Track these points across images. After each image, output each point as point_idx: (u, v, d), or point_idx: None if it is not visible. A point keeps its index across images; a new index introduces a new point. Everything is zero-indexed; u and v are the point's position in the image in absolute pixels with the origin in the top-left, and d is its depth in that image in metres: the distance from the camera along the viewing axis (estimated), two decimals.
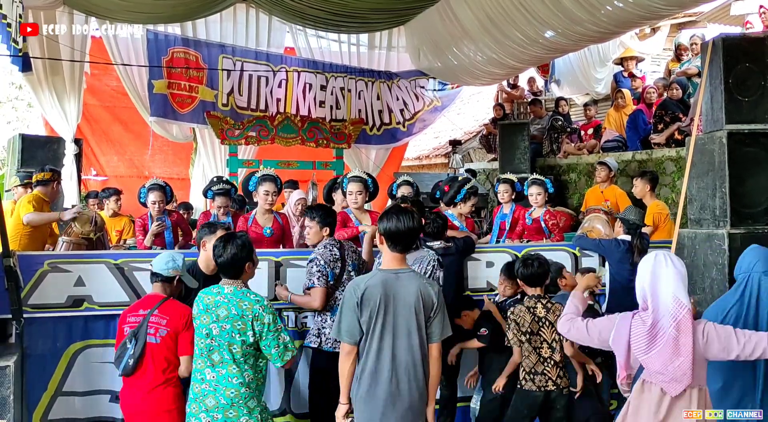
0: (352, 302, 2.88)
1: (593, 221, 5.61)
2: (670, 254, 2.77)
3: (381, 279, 2.91)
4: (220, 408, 2.93)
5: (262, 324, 2.97)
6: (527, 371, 3.76)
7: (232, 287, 3.04)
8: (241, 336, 2.94)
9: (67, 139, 7.96)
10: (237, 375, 2.95)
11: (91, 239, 5.38)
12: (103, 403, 4.14)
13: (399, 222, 2.92)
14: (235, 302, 2.98)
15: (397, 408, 2.89)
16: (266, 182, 5.04)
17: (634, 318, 2.71)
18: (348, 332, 2.90)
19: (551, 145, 9.33)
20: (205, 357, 2.98)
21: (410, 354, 2.90)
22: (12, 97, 17.15)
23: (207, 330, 2.97)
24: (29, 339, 3.95)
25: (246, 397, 2.96)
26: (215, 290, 3.06)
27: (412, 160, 13.76)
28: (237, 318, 2.95)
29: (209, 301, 3.01)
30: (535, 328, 3.75)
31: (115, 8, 7.11)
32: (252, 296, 3.03)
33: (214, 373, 2.96)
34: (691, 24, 10.79)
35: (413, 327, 2.90)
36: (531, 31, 6.62)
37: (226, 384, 2.94)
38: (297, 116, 8.42)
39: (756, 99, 4.54)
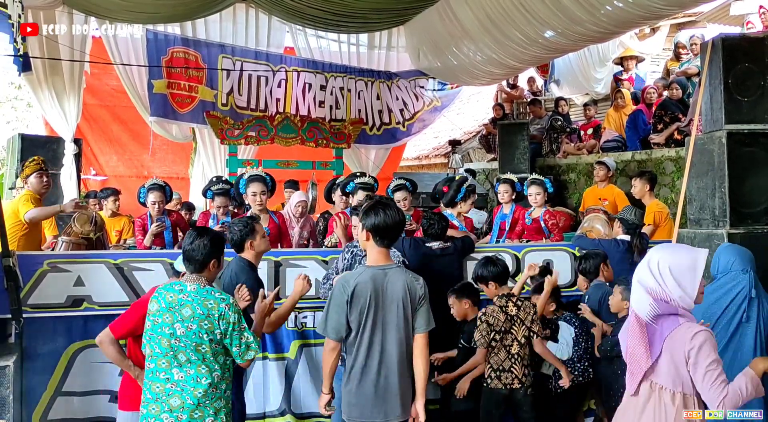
0: (342, 300, 2.91)
1: (593, 221, 5.61)
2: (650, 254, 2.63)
3: (370, 276, 2.94)
4: (185, 408, 2.83)
5: (227, 322, 2.88)
6: (494, 368, 3.75)
7: (195, 284, 2.93)
8: (208, 335, 2.86)
9: (66, 139, 7.95)
10: (206, 374, 2.87)
11: (90, 239, 5.37)
12: (102, 403, 4.14)
13: (386, 217, 2.95)
14: (200, 301, 2.87)
15: (387, 402, 2.93)
16: (253, 183, 4.99)
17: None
18: (334, 329, 2.93)
19: (551, 145, 9.34)
20: (170, 357, 2.86)
21: (399, 347, 2.95)
22: (11, 97, 17.13)
23: (171, 330, 2.85)
24: (29, 338, 3.95)
25: (213, 398, 2.89)
26: (177, 287, 2.93)
27: (412, 160, 13.76)
28: (203, 317, 2.85)
29: (171, 299, 2.88)
30: (507, 326, 3.75)
31: (115, 8, 7.10)
32: (217, 294, 2.93)
33: (182, 373, 2.86)
34: (691, 24, 10.79)
35: (401, 321, 2.95)
36: (531, 31, 6.62)
37: (194, 384, 2.85)
38: (297, 116, 8.42)
39: (756, 99, 4.54)
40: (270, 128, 7.99)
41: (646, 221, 5.77)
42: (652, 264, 2.54)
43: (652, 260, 2.56)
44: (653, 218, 5.80)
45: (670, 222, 5.81)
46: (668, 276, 2.49)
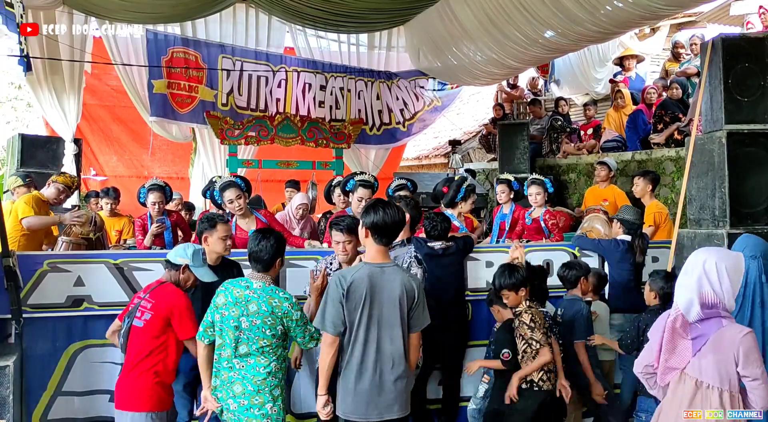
0: (338, 294, 2.94)
1: (593, 221, 5.61)
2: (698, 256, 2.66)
3: (367, 272, 2.98)
4: (247, 394, 3.05)
5: (291, 320, 3.11)
6: (545, 370, 3.66)
7: (260, 282, 3.12)
8: (271, 330, 3.06)
9: (66, 139, 7.95)
10: (264, 365, 3.07)
11: (90, 239, 5.38)
12: (102, 403, 4.14)
13: (385, 215, 3.00)
14: (265, 298, 3.07)
15: (382, 398, 2.97)
16: (226, 191, 4.85)
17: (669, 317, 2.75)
18: (332, 323, 2.96)
19: (551, 145, 9.34)
20: (233, 347, 3.08)
21: (394, 345, 2.99)
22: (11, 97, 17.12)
23: (236, 323, 3.06)
24: (29, 338, 3.95)
25: (271, 385, 3.08)
26: (243, 283, 3.14)
27: (412, 160, 13.76)
28: (267, 314, 3.05)
29: (239, 294, 3.09)
30: (528, 335, 3.68)
31: (115, 8, 7.10)
32: (281, 293, 3.14)
33: (243, 363, 3.07)
34: (691, 24, 10.80)
35: (397, 318, 2.99)
36: (531, 31, 6.62)
37: (254, 373, 3.06)
38: (296, 116, 8.41)
39: (755, 99, 4.55)
40: (270, 128, 7.99)
41: (646, 222, 5.77)
42: (709, 266, 2.58)
43: (707, 263, 2.59)
44: (653, 218, 5.79)
45: (670, 222, 5.81)
46: (725, 278, 2.56)
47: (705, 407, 2.56)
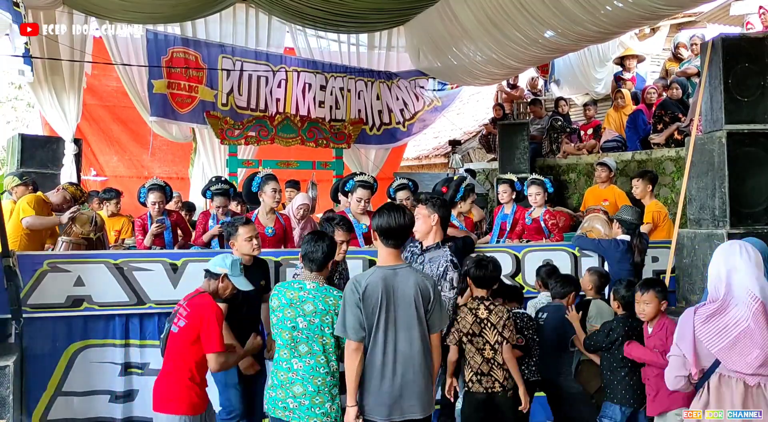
0: (354, 299, 2.96)
1: (593, 221, 5.61)
2: (744, 244, 2.79)
3: (381, 276, 3.00)
4: (307, 395, 3.10)
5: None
6: (474, 371, 3.67)
7: (314, 283, 3.20)
8: (329, 328, 3.12)
9: (66, 139, 7.95)
10: (324, 365, 3.13)
11: (90, 239, 5.38)
12: (102, 403, 4.14)
13: (390, 219, 3.05)
14: (321, 297, 3.15)
15: (405, 400, 2.98)
16: (272, 181, 5.14)
17: (697, 314, 2.74)
18: (353, 329, 2.96)
19: (551, 145, 9.34)
20: (291, 348, 3.14)
21: (413, 346, 3.00)
22: (12, 98, 17.13)
23: (293, 323, 3.12)
24: (29, 338, 3.96)
25: (331, 385, 3.14)
26: (296, 285, 3.22)
27: (412, 160, 13.76)
28: (324, 312, 3.12)
29: (293, 296, 3.16)
30: (477, 329, 3.65)
31: (115, 8, 7.10)
32: (335, 292, 3.21)
33: (301, 363, 3.12)
34: (691, 24, 10.79)
35: (414, 320, 3.01)
36: (531, 32, 6.62)
37: (313, 373, 3.11)
38: (297, 116, 8.42)
39: (755, 99, 4.54)
40: (270, 128, 7.99)
41: (645, 221, 5.77)
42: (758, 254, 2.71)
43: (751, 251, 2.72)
44: (652, 217, 5.79)
45: (669, 222, 5.81)
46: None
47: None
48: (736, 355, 2.63)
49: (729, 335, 2.63)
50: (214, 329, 3.26)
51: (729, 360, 2.64)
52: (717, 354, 2.67)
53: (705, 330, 2.69)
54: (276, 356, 3.23)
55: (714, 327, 2.67)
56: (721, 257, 2.77)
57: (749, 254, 2.72)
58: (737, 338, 2.62)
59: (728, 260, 2.74)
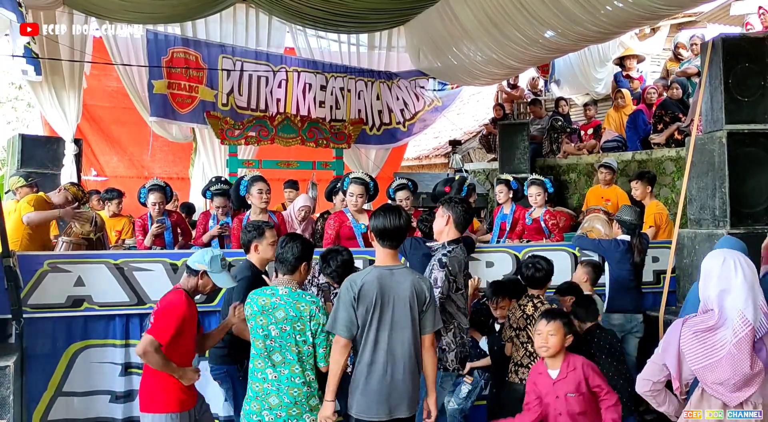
0: (349, 298, 2.98)
1: (593, 221, 5.61)
2: (740, 259, 2.61)
3: (377, 275, 3.03)
4: (283, 406, 3.01)
5: (317, 323, 3.06)
6: (514, 362, 3.84)
7: (286, 288, 3.11)
8: (301, 336, 3.04)
9: (66, 139, 7.94)
10: (299, 374, 3.04)
11: (91, 239, 5.38)
12: (102, 403, 4.14)
13: (386, 220, 3.09)
14: (292, 303, 3.05)
15: (392, 399, 3.00)
16: (258, 182, 5.04)
17: (684, 328, 2.62)
18: (345, 326, 2.98)
19: (551, 145, 9.34)
20: (265, 358, 3.05)
21: (405, 346, 3.03)
22: (12, 98, 17.13)
23: (265, 331, 3.04)
24: (29, 339, 3.95)
25: (308, 396, 3.05)
26: (268, 291, 3.12)
27: (412, 160, 13.76)
28: (296, 319, 3.03)
29: (264, 302, 3.06)
30: (522, 324, 3.83)
31: (115, 8, 7.10)
32: (308, 297, 3.12)
33: (275, 373, 3.03)
34: (691, 24, 10.79)
35: (408, 320, 3.03)
36: (531, 32, 6.62)
37: (289, 383, 3.02)
38: (297, 116, 8.41)
39: (756, 99, 4.55)
40: (270, 128, 7.99)
41: (647, 223, 5.77)
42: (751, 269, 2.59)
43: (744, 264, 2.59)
44: (653, 219, 5.79)
45: (671, 223, 5.82)
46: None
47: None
48: (716, 377, 2.53)
49: (712, 357, 2.53)
50: (165, 319, 3.17)
51: (707, 380, 2.56)
52: (696, 372, 2.59)
53: (690, 345, 2.58)
54: (251, 366, 3.12)
55: (700, 344, 2.56)
56: (715, 275, 2.61)
57: (745, 273, 2.56)
58: (719, 362, 2.51)
59: (722, 280, 2.58)
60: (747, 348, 2.49)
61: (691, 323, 2.63)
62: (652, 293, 5.10)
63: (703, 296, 2.66)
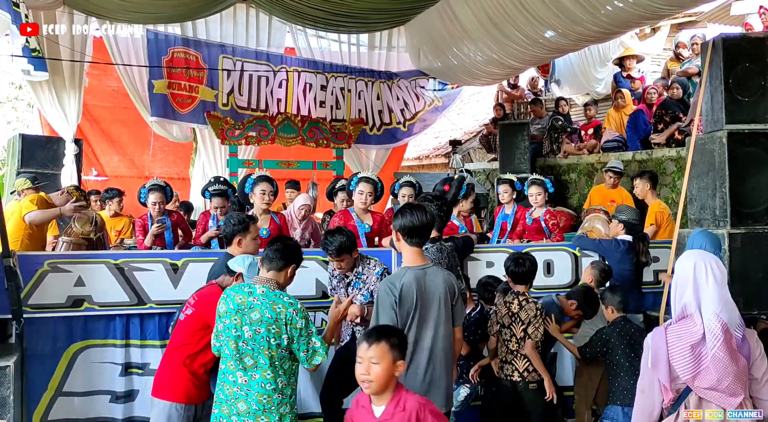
0: (390, 301, 2.98)
1: (593, 221, 5.61)
2: (710, 262, 2.60)
3: (413, 276, 3.05)
4: (251, 413, 2.85)
5: (294, 328, 2.88)
6: (501, 360, 3.90)
7: (264, 287, 2.94)
8: (275, 339, 2.85)
9: (67, 139, 7.95)
10: (270, 380, 2.87)
11: (91, 239, 5.38)
12: (103, 403, 4.14)
13: (414, 217, 3.09)
14: (269, 304, 2.88)
15: (430, 394, 3.01)
16: (262, 182, 5.08)
17: (669, 333, 2.58)
18: None
19: (551, 145, 9.33)
20: (236, 360, 2.89)
21: (441, 343, 3.07)
22: (12, 98, 17.13)
23: (238, 332, 2.87)
24: (29, 339, 3.95)
25: (278, 403, 2.88)
26: (246, 289, 2.96)
27: (412, 160, 13.76)
28: (271, 321, 2.85)
29: (240, 301, 2.90)
30: (507, 322, 3.86)
31: (115, 8, 7.10)
32: (285, 298, 2.93)
33: (246, 377, 2.87)
34: (691, 24, 10.79)
35: (443, 317, 3.08)
36: (531, 31, 6.61)
37: (258, 389, 2.86)
38: (297, 116, 8.42)
39: (756, 99, 4.53)
40: (270, 128, 8.00)
41: (648, 221, 5.77)
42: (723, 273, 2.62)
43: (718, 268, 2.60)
44: (655, 218, 5.79)
45: (672, 222, 5.81)
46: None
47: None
48: (708, 383, 2.51)
49: (701, 364, 2.52)
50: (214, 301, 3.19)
51: (701, 387, 2.54)
52: (688, 382, 2.54)
53: (678, 356, 2.54)
54: (222, 367, 2.96)
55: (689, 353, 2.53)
56: (690, 282, 2.57)
57: (715, 275, 2.55)
58: (707, 369, 2.50)
59: (696, 286, 2.56)
60: (728, 348, 2.50)
61: (673, 330, 2.58)
62: (652, 293, 5.09)
63: (679, 303, 2.61)
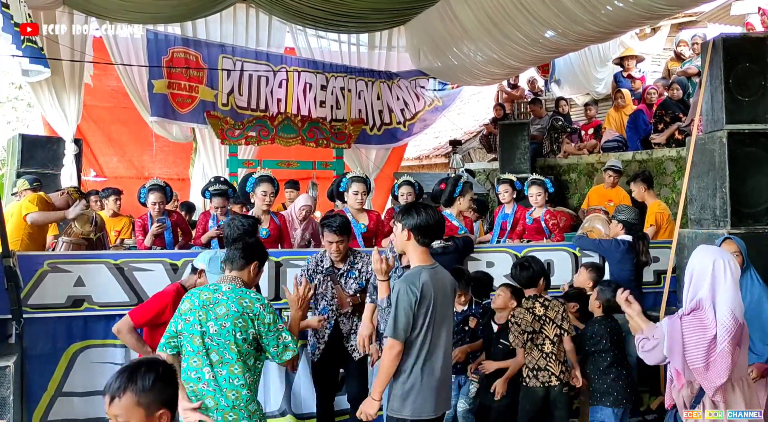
0: (410, 301, 2.92)
1: (593, 221, 5.61)
2: (729, 260, 2.72)
3: (429, 275, 3.01)
4: (219, 409, 2.80)
5: (262, 323, 2.87)
6: (530, 368, 3.81)
7: (230, 284, 2.94)
8: (242, 334, 2.83)
9: (66, 139, 7.94)
10: (239, 375, 2.84)
11: (91, 239, 5.38)
12: (103, 404, 4.13)
13: (427, 216, 3.04)
14: (235, 299, 2.87)
15: (441, 395, 3.04)
16: (264, 183, 5.08)
17: (684, 323, 2.68)
18: (405, 331, 2.94)
19: (551, 145, 9.33)
20: (202, 356, 2.83)
21: (448, 341, 3.08)
22: (12, 98, 17.12)
23: (203, 328, 2.83)
24: (29, 339, 3.95)
25: (247, 400, 2.86)
26: (212, 287, 2.95)
27: (413, 160, 13.75)
28: (237, 315, 2.83)
29: (206, 297, 2.89)
30: (537, 326, 3.81)
31: (115, 8, 7.10)
32: (252, 294, 2.93)
33: (213, 373, 2.82)
34: (691, 24, 10.78)
35: (448, 316, 3.10)
36: (531, 31, 6.61)
37: (227, 385, 2.82)
38: (297, 116, 8.41)
39: (756, 99, 4.54)
40: (270, 128, 7.99)
41: (648, 222, 5.77)
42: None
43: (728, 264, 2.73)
44: (655, 218, 5.79)
45: (671, 223, 5.81)
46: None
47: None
48: (704, 376, 2.63)
49: (710, 356, 2.62)
50: (148, 303, 3.29)
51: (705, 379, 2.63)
52: (695, 371, 2.65)
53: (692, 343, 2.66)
54: (185, 365, 2.88)
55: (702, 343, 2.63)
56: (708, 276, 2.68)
57: (732, 273, 2.68)
58: (714, 360, 2.61)
59: (714, 281, 2.67)
60: (735, 342, 2.63)
61: (688, 321, 2.69)
62: (653, 293, 5.09)
63: (694, 296, 2.72)
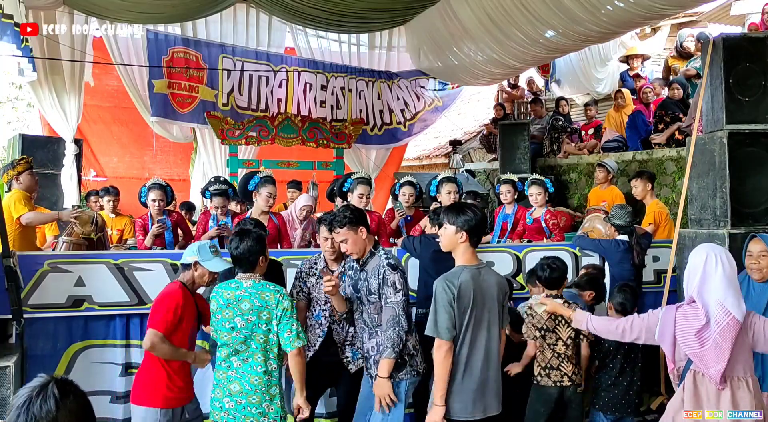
0: (448, 299, 2.95)
1: (593, 221, 5.60)
2: (721, 254, 2.80)
3: (470, 275, 3.02)
4: (244, 393, 3.09)
5: (282, 309, 3.11)
6: (543, 366, 3.79)
7: (250, 281, 3.16)
8: (267, 325, 3.11)
9: (67, 139, 7.94)
10: (262, 363, 3.11)
11: (91, 239, 5.36)
12: (103, 404, 4.14)
13: (476, 215, 3.06)
14: (257, 294, 3.12)
15: (486, 396, 3.03)
16: (269, 184, 5.10)
17: (678, 313, 2.81)
18: (446, 328, 2.95)
19: (552, 145, 9.33)
20: (231, 348, 3.13)
21: (494, 343, 3.07)
22: (12, 98, 17.12)
23: (231, 324, 3.10)
24: (29, 339, 3.95)
25: (268, 384, 3.12)
26: (233, 284, 3.18)
27: (413, 160, 13.75)
28: (261, 309, 3.10)
29: (230, 296, 3.13)
30: (551, 325, 3.79)
31: (115, 8, 7.10)
32: (272, 286, 3.17)
33: (239, 361, 3.12)
34: (692, 24, 10.78)
35: (495, 318, 3.08)
36: (531, 31, 6.61)
37: (251, 371, 3.10)
38: (297, 116, 8.41)
39: (756, 99, 4.53)
40: (270, 128, 7.99)
41: (647, 221, 5.77)
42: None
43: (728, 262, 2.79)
44: (653, 217, 5.79)
45: (670, 222, 5.81)
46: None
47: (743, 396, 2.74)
48: (702, 364, 2.73)
49: (704, 345, 2.72)
50: (160, 309, 3.22)
51: (699, 363, 2.76)
52: (690, 355, 2.79)
53: (684, 334, 2.78)
54: (217, 356, 3.21)
55: (693, 335, 2.75)
56: (699, 271, 2.79)
57: (724, 266, 2.75)
58: (707, 351, 2.70)
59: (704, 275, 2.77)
60: (730, 335, 2.67)
61: (682, 312, 2.81)
62: (653, 293, 5.09)
63: (688, 290, 2.85)
